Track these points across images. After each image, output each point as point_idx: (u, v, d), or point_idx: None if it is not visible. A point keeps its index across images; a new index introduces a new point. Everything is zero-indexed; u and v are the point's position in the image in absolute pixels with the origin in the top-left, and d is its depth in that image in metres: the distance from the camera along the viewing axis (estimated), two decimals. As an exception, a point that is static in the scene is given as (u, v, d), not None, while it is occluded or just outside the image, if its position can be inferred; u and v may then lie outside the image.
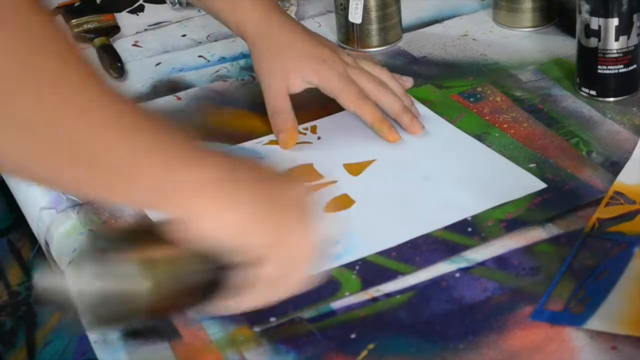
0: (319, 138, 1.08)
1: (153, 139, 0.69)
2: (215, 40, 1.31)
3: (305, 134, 1.09)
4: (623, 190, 0.97)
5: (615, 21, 1.07)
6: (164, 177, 0.69)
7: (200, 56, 1.27)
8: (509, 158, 1.03)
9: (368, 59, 1.16)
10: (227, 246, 0.72)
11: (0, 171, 0.72)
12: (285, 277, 0.76)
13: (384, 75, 1.12)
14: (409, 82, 1.16)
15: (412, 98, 1.12)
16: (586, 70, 1.11)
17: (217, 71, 1.24)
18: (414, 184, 1.01)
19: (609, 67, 1.09)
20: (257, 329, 0.85)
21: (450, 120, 1.10)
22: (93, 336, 0.87)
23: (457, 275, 0.89)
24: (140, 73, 1.25)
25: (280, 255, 0.74)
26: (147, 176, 0.69)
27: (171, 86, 1.22)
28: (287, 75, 1.08)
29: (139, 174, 0.68)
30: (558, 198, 0.97)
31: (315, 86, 1.08)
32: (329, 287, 0.89)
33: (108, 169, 0.67)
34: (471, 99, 1.13)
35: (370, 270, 0.91)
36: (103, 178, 0.68)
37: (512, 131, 1.07)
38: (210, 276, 0.73)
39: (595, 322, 0.83)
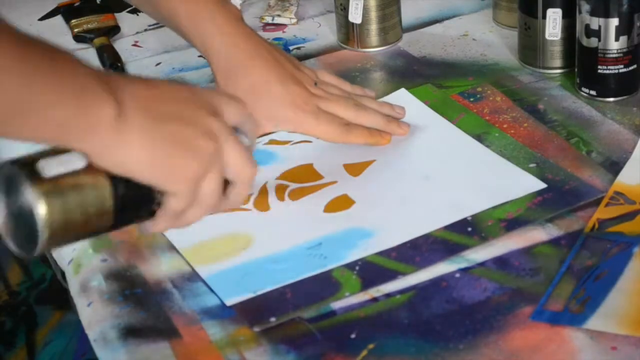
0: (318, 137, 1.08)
1: (52, 76, 0.71)
2: (215, 40, 1.31)
3: (305, 133, 1.09)
4: (623, 190, 0.97)
5: (615, 21, 1.07)
6: (72, 110, 0.72)
7: (200, 56, 1.27)
8: (509, 158, 1.03)
9: (325, 72, 1.11)
10: (136, 177, 0.76)
11: None
12: (187, 211, 0.80)
13: (348, 88, 1.09)
14: (372, 93, 1.12)
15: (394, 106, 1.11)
16: (586, 70, 1.11)
17: (217, 71, 1.24)
18: (414, 184, 1.01)
19: (609, 67, 1.09)
20: (257, 329, 0.85)
21: (450, 120, 1.10)
22: (93, 336, 0.87)
23: (457, 275, 0.89)
24: (140, 73, 1.25)
25: (183, 192, 0.78)
26: (52, 114, 0.71)
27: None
28: (258, 122, 0.94)
29: (42, 111, 0.71)
30: (558, 198, 0.97)
31: (292, 132, 1.06)
32: (329, 287, 0.89)
33: (8, 106, 0.70)
34: (471, 99, 1.13)
35: (370, 271, 0.91)
36: (6, 115, 0.71)
37: (512, 131, 1.07)
38: (123, 200, 0.77)
39: (595, 322, 0.83)
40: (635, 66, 1.10)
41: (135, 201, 0.79)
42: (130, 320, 0.87)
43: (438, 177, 1.01)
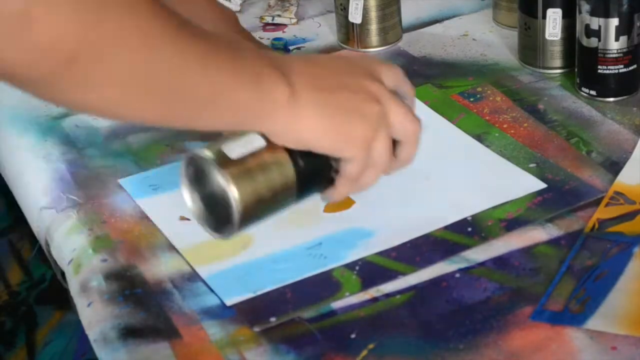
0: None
1: (232, 67, 0.78)
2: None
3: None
4: (623, 190, 0.97)
5: (615, 21, 1.07)
6: (253, 97, 0.79)
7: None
8: (509, 158, 1.03)
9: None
10: (314, 149, 0.83)
11: (106, 116, 0.87)
12: (364, 174, 0.86)
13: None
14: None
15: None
16: (586, 70, 1.11)
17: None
18: (414, 184, 1.01)
19: (609, 67, 1.09)
20: (257, 329, 0.85)
21: (450, 120, 1.10)
22: (93, 336, 0.87)
23: (457, 275, 0.89)
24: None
25: (358, 156, 0.84)
26: (235, 101, 0.79)
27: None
28: None
29: (227, 99, 0.78)
30: (558, 198, 0.97)
31: None
32: (329, 287, 0.89)
33: (196, 101, 0.77)
34: (471, 99, 1.13)
35: (370, 270, 0.91)
36: (194, 110, 0.78)
37: (512, 131, 1.07)
38: (305, 172, 0.84)
39: (595, 322, 0.83)
40: (635, 66, 1.10)
41: (315, 172, 0.85)
42: (130, 320, 0.87)
43: (438, 177, 1.01)
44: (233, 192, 0.80)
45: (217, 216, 0.82)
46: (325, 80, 0.83)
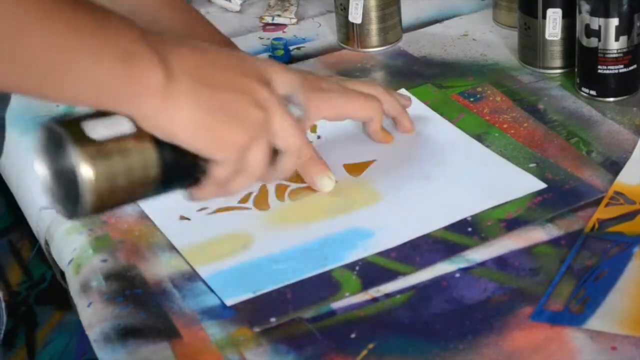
0: (318, 137, 1.08)
1: (97, 39, 0.71)
2: (215, 40, 1.31)
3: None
4: (623, 190, 0.97)
5: (615, 21, 1.07)
6: (117, 73, 0.72)
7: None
8: (509, 158, 1.03)
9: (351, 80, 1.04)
10: (183, 144, 0.77)
11: None
12: (233, 179, 0.81)
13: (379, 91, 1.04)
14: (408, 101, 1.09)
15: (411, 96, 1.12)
16: (586, 70, 1.11)
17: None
18: (414, 184, 1.01)
19: (609, 67, 1.09)
20: (257, 329, 0.85)
21: (450, 120, 1.10)
22: (93, 336, 0.87)
23: (457, 275, 0.89)
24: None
25: (229, 160, 0.79)
26: (94, 75, 0.71)
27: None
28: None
29: (84, 72, 0.71)
30: (558, 198, 0.97)
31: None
32: (329, 287, 0.89)
33: (46, 68, 0.69)
34: (471, 99, 1.13)
35: (370, 271, 0.91)
36: (47, 76, 0.70)
37: (512, 131, 1.07)
38: (169, 167, 0.77)
39: (595, 322, 0.83)
40: (635, 66, 1.10)
41: (180, 168, 0.79)
42: (131, 320, 0.87)
43: (438, 177, 1.01)
44: (85, 173, 0.74)
45: (68, 194, 0.76)
46: (210, 74, 0.78)
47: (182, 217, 0.98)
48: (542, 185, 0.99)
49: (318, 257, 0.92)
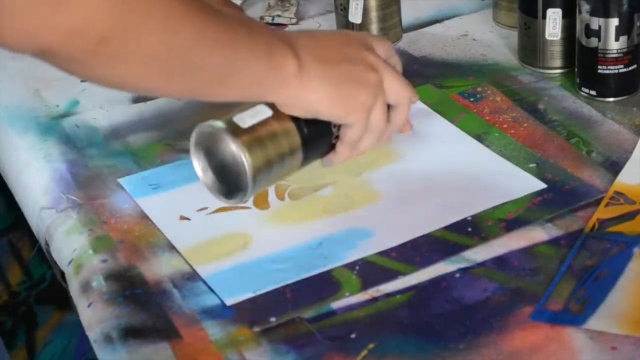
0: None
1: (247, 43, 0.84)
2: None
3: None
4: (623, 190, 0.97)
5: (615, 21, 1.07)
6: (266, 70, 0.85)
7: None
8: (509, 158, 1.03)
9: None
10: (320, 116, 0.90)
11: (130, 90, 0.93)
12: (362, 139, 0.93)
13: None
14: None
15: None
16: (586, 70, 1.11)
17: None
18: (414, 184, 1.01)
19: (609, 67, 1.09)
20: (257, 329, 0.85)
21: (450, 120, 1.10)
22: (93, 337, 0.87)
23: (457, 275, 0.89)
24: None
25: (359, 121, 0.91)
26: (250, 74, 0.85)
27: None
28: None
29: (242, 73, 0.84)
30: (558, 198, 0.97)
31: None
32: (329, 287, 0.89)
33: (213, 76, 0.83)
34: (471, 99, 1.13)
35: (370, 270, 0.91)
36: (211, 84, 0.84)
37: (512, 131, 1.07)
38: (309, 138, 0.91)
39: (595, 322, 0.83)
40: (635, 66, 1.10)
41: (318, 138, 0.92)
42: (131, 320, 0.87)
43: (438, 177, 1.01)
44: (247, 159, 0.86)
45: (228, 184, 0.88)
46: (327, 53, 0.90)
47: (182, 217, 0.99)
48: (542, 185, 0.99)
49: (318, 256, 0.92)
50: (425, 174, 1.02)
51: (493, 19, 1.30)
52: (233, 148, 0.87)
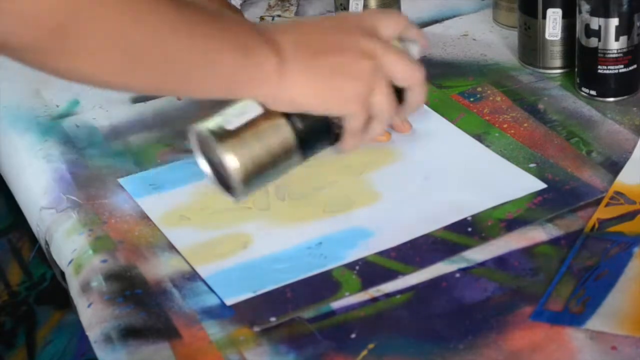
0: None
1: (219, 35, 0.79)
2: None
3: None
4: (623, 190, 0.97)
5: (615, 21, 1.07)
6: (241, 65, 0.80)
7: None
8: (509, 158, 1.03)
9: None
10: (310, 111, 0.84)
11: (95, 85, 0.83)
12: (369, 125, 0.87)
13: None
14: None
15: None
16: (586, 70, 1.11)
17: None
18: (414, 184, 1.01)
19: (609, 67, 1.09)
20: (257, 329, 0.85)
21: (450, 120, 1.10)
22: (93, 337, 0.87)
23: (457, 275, 0.89)
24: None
25: (356, 111, 0.85)
26: (222, 69, 0.80)
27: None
28: None
29: (214, 67, 0.79)
30: (558, 198, 0.97)
31: None
32: (329, 287, 0.89)
33: (182, 69, 0.78)
34: (471, 99, 1.13)
35: (370, 270, 0.91)
36: (181, 78, 0.79)
37: (512, 131, 1.07)
38: (305, 132, 0.86)
39: (595, 322, 0.83)
40: (635, 66, 1.10)
41: (316, 131, 0.86)
42: (131, 320, 0.87)
43: (438, 177, 1.01)
44: (231, 163, 0.83)
45: (225, 183, 0.86)
46: (313, 44, 0.84)
47: (182, 217, 0.99)
48: (542, 185, 0.99)
49: (318, 256, 0.92)
50: (425, 174, 1.02)
51: (493, 19, 1.30)
52: (218, 153, 0.83)
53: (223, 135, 0.83)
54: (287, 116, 0.85)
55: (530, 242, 0.92)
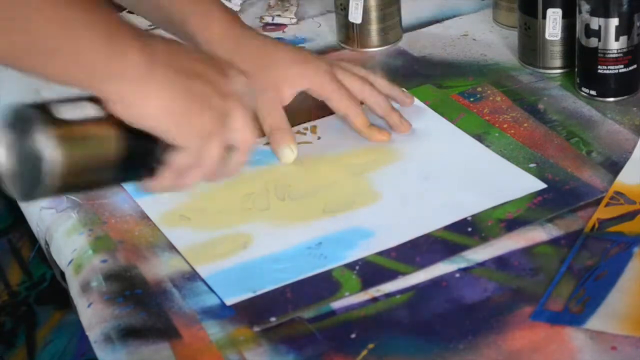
0: (319, 138, 1.08)
1: (86, 17, 0.74)
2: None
3: (305, 134, 1.09)
4: (623, 190, 0.97)
5: (615, 21, 1.07)
6: (105, 54, 0.75)
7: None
8: (509, 158, 1.03)
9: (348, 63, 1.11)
10: (151, 128, 0.79)
11: None
12: (189, 171, 0.83)
13: (370, 76, 1.10)
14: (409, 99, 1.12)
15: (406, 92, 1.12)
16: (586, 70, 1.11)
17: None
18: (414, 184, 1.01)
19: (609, 67, 1.09)
20: (257, 329, 0.85)
21: (450, 120, 1.10)
22: (93, 337, 0.87)
23: (457, 275, 0.89)
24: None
25: (192, 147, 0.81)
26: (82, 53, 0.75)
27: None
28: (277, 87, 1.05)
29: (74, 49, 0.74)
30: (558, 198, 0.97)
31: (305, 90, 1.06)
32: (329, 287, 0.89)
33: (39, 43, 0.73)
34: (471, 99, 1.13)
35: (370, 270, 0.91)
36: (40, 51, 0.74)
37: (512, 131, 1.07)
38: (130, 153, 0.79)
39: (595, 322, 0.83)
40: (635, 66, 1.10)
41: (139, 156, 0.80)
42: (131, 320, 0.87)
43: (438, 177, 1.01)
44: (49, 151, 0.75)
45: (28, 174, 0.77)
46: (183, 62, 0.81)
47: (182, 217, 0.99)
48: (542, 185, 0.99)
49: (318, 256, 0.92)
50: (425, 174, 1.02)
51: (493, 19, 1.30)
52: (38, 137, 0.75)
53: (49, 122, 0.76)
54: (120, 130, 0.78)
55: (530, 242, 0.92)
